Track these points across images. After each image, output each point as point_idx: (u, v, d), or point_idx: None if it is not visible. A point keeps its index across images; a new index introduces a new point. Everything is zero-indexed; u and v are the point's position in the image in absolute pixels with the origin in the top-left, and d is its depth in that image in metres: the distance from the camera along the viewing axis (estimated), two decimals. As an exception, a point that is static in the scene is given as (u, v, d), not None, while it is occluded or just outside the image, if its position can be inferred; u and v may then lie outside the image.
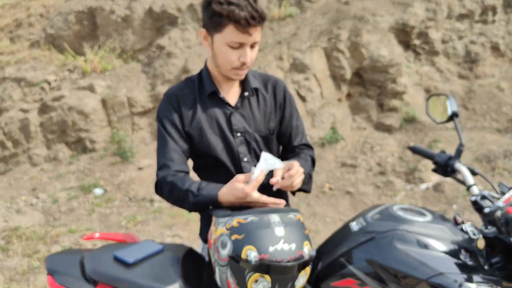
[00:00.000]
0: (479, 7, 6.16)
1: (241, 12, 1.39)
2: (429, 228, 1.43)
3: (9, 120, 6.09)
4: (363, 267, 1.42)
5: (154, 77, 6.36)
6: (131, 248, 1.54)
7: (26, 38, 7.49)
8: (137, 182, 5.32)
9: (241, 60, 1.49)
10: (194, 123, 1.61)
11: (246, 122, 1.64)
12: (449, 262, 1.34)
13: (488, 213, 1.38)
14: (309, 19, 6.16)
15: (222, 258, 1.26)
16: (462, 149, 1.66)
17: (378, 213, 1.54)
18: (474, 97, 5.84)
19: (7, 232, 4.49)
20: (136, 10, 6.74)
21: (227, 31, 1.44)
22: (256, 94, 1.68)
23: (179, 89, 1.66)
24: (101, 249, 1.60)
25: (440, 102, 1.77)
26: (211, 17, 1.45)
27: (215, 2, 1.42)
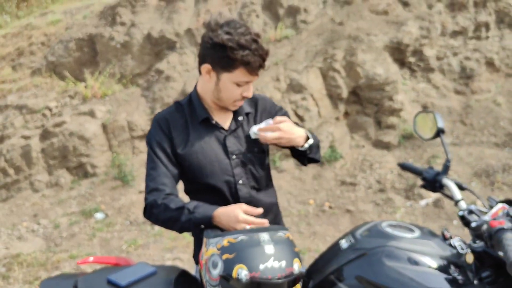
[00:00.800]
0: (472, 24, 6.26)
1: (254, 57, 1.48)
2: (417, 244, 1.43)
3: (10, 147, 6.15)
4: (353, 284, 1.42)
5: (154, 100, 6.44)
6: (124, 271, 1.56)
7: (28, 66, 7.62)
8: (137, 206, 5.33)
9: (244, 95, 1.59)
10: (187, 148, 1.63)
11: (240, 144, 1.68)
12: (439, 277, 1.35)
13: (474, 228, 1.39)
14: (305, 40, 6.26)
15: (213, 278, 1.28)
16: (449, 165, 1.68)
17: (366, 230, 1.55)
18: (471, 112, 5.87)
19: (8, 259, 4.50)
20: (135, 36, 6.87)
21: (237, 72, 1.52)
22: (248, 117, 1.73)
23: (169, 113, 1.69)
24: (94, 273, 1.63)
25: (428, 119, 1.79)
26: (221, 58, 1.51)
27: (229, 48, 1.47)
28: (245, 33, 1.49)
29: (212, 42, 1.51)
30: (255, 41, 1.50)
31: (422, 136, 1.82)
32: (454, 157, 5.37)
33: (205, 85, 1.64)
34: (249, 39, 1.49)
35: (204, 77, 1.60)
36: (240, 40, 1.47)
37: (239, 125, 1.69)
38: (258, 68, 1.52)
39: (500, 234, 1.26)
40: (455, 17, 6.28)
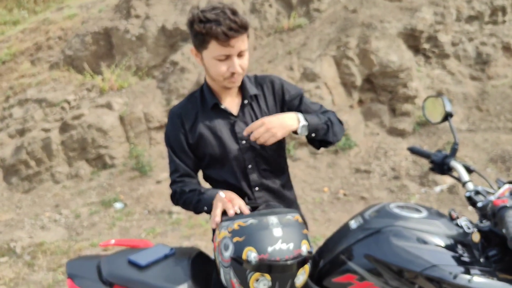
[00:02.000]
0: (488, 8, 6.16)
1: (219, 27, 1.45)
2: (424, 224, 1.47)
3: (32, 140, 6.32)
4: (361, 262, 1.47)
5: (169, 92, 6.53)
6: (144, 252, 1.65)
7: (46, 60, 7.77)
8: (155, 195, 5.44)
9: (231, 70, 1.55)
10: (198, 136, 1.68)
11: None
12: (444, 255, 1.38)
13: (480, 207, 1.43)
14: (318, 28, 6.25)
15: (225, 260, 1.34)
16: (457, 147, 1.71)
17: (375, 211, 1.59)
18: (488, 98, 5.81)
19: (32, 248, 4.65)
20: (149, 29, 6.95)
21: (211, 46, 1.51)
22: (256, 99, 1.74)
23: (181, 107, 1.74)
24: (116, 254, 1.71)
25: (437, 104, 1.83)
26: (195, 36, 1.53)
27: (196, 22, 1.50)
28: (214, 9, 1.50)
29: (188, 25, 1.55)
30: (222, 11, 1.48)
31: (430, 120, 1.85)
32: (470, 143, 5.34)
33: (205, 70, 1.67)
34: (218, 12, 1.48)
35: (197, 61, 1.64)
36: (206, 14, 1.48)
37: (246, 109, 1.71)
38: (227, 38, 1.47)
39: (503, 211, 1.30)
40: (471, 2, 6.19)
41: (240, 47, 1.52)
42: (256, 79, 1.78)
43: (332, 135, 1.71)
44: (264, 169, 1.74)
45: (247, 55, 1.60)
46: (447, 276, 1.32)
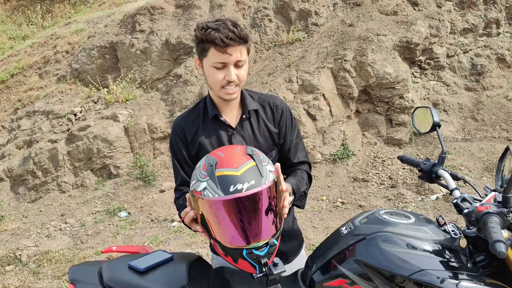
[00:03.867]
0: (482, 21, 6.31)
1: (217, 34, 1.52)
2: (413, 230, 1.51)
3: (39, 150, 6.48)
4: (352, 267, 1.49)
5: (173, 104, 6.69)
6: (143, 258, 1.70)
7: (54, 74, 7.97)
8: (159, 204, 5.56)
9: (227, 78, 1.59)
10: (198, 146, 1.75)
11: (246, 143, 1.74)
12: (432, 260, 1.41)
13: (466, 214, 1.46)
14: (316, 42, 6.41)
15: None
16: (445, 156, 1.77)
17: (365, 218, 1.63)
18: (483, 108, 5.93)
19: (38, 256, 4.75)
20: (153, 43, 7.14)
21: (209, 54, 1.58)
22: (256, 115, 1.78)
23: (184, 117, 1.81)
24: (117, 259, 1.77)
25: (425, 114, 1.89)
26: (197, 44, 1.62)
27: (198, 29, 1.59)
28: (218, 20, 1.57)
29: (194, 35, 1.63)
30: (221, 21, 1.55)
31: (419, 130, 1.92)
32: (466, 152, 5.45)
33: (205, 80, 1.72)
34: (219, 22, 1.55)
35: (200, 72, 1.73)
36: (208, 23, 1.56)
37: (245, 123, 1.76)
38: (225, 45, 1.52)
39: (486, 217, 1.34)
40: (465, 15, 6.35)
41: (238, 57, 1.57)
42: (259, 97, 1.84)
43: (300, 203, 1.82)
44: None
45: (246, 67, 1.65)
46: (435, 280, 1.36)
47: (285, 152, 1.85)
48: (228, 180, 1.33)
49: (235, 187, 1.32)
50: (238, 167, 1.36)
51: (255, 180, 1.34)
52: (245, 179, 1.33)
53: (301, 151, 1.88)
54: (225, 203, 1.33)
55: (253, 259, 1.37)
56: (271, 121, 1.80)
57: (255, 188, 1.33)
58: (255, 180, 1.34)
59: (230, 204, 1.33)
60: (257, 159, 1.41)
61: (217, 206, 1.34)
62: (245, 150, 1.44)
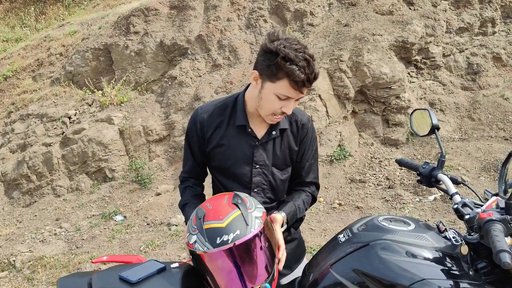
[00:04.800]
0: (477, 20, 6.30)
1: (301, 74, 1.47)
2: (412, 237, 1.46)
3: (33, 154, 6.42)
4: (350, 276, 1.46)
5: (168, 106, 6.65)
6: (135, 269, 1.64)
7: (47, 76, 7.91)
8: (155, 208, 5.52)
9: (283, 110, 1.58)
10: (216, 145, 1.74)
11: (267, 157, 1.74)
12: (433, 268, 1.37)
13: (468, 220, 1.42)
14: (312, 42, 6.39)
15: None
16: (444, 159, 1.74)
17: (363, 225, 1.59)
18: (479, 107, 5.92)
19: (32, 262, 4.70)
20: (148, 44, 7.10)
21: (280, 84, 1.52)
22: (283, 133, 1.76)
23: (209, 113, 1.76)
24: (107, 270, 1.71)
25: (422, 117, 1.86)
26: (268, 66, 1.52)
27: (281, 58, 1.48)
28: (298, 50, 1.49)
29: (265, 49, 1.53)
30: (306, 59, 1.49)
31: (418, 133, 1.88)
32: (463, 152, 5.43)
33: (252, 91, 1.67)
34: (301, 56, 1.48)
35: (252, 83, 1.64)
36: (290, 53, 1.47)
37: (271, 138, 1.73)
38: (301, 85, 1.50)
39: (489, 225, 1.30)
40: (460, 14, 6.34)
41: (303, 94, 1.57)
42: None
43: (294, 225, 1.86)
44: (269, 197, 1.81)
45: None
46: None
47: (299, 170, 1.85)
48: (215, 233, 1.40)
49: (221, 239, 1.38)
50: (223, 219, 1.42)
51: (240, 230, 1.40)
52: (230, 230, 1.40)
53: (314, 172, 1.89)
54: (213, 255, 1.41)
55: None
56: (295, 139, 1.79)
57: (240, 238, 1.39)
58: (240, 230, 1.40)
59: (218, 256, 1.40)
60: (242, 207, 1.46)
61: (207, 259, 1.43)
62: (231, 200, 1.50)
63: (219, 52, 6.82)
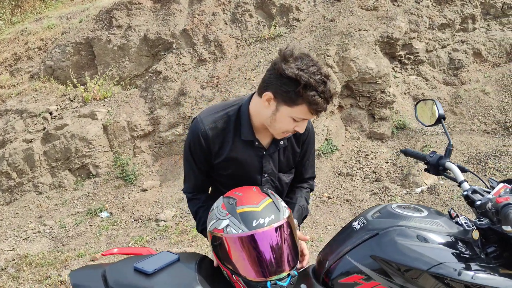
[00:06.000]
0: (458, 16, 6.45)
1: (322, 100, 1.47)
2: (426, 223, 1.50)
3: (13, 151, 6.25)
4: (368, 263, 1.48)
5: (152, 101, 6.57)
6: (149, 260, 1.62)
7: (26, 71, 7.70)
8: (141, 203, 5.45)
9: (297, 129, 1.58)
10: (224, 159, 1.72)
11: (273, 165, 1.78)
12: (447, 252, 1.41)
13: (479, 205, 1.45)
14: (298, 37, 6.41)
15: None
16: (451, 148, 1.77)
17: (377, 212, 1.62)
18: (461, 102, 6.06)
19: (16, 260, 4.58)
20: (131, 39, 6.99)
21: (298, 108, 1.50)
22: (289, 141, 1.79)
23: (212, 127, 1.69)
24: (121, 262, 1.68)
25: (427, 107, 1.89)
26: (287, 92, 1.48)
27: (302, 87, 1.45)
28: (316, 73, 1.46)
29: (281, 73, 1.47)
30: (324, 82, 1.47)
31: (423, 123, 1.90)
32: (445, 145, 5.56)
33: (260, 109, 1.62)
34: (319, 79, 1.46)
35: (263, 103, 1.57)
36: (310, 79, 1.44)
37: (278, 148, 1.76)
38: (321, 111, 1.51)
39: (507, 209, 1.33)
40: (442, 10, 6.47)
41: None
42: None
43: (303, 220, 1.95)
44: None
45: None
46: (452, 273, 1.36)
47: (300, 168, 1.90)
48: (250, 216, 1.44)
49: (258, 222, 1.42)
50: (258, 204, 1.47)
51: (275, 215, 1.46)
52: (266, 214, 1.44)
53: (312, 167, 1.96)
54: (249, 238, 1.42)
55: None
56: (297, 142, 1.81)
57: (275, 222, 1.44)
58: (274, 215, 1.45)
59: (254, 238, 1.42)
60: (272, 196, 1.54)
61: (242, 241, 1.43)
62: (260, 189, 1.57)
63: (205, 46, 6.77)
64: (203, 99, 6.18)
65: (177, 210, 5.17)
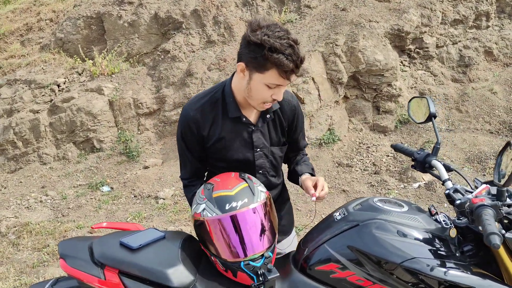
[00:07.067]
0: (473, 13, 6.36)
1: (288, 62, 1.48)
2: (405, 218, 1.54)
3: (19, 120, 6.34)
4: (344, 253, 1.53)
5: (159, 79, 6.60)
6: (135, 235, 1.67)
7: (36, 42, 7.74)
8: (142, 180, 5.53)
9: (274, 97, 1.61)
10: (216, 140, 1.76)
11: (264, 139, 1.81)
12: (423, 248, 1.45)
13: (458, 205, 1.50)
14: (308, 24, 6.37)
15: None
16: (439, 147, 1.80)
17: (359, 204, 1.66)
18: (468, 100, 6.02)
19: (17, 228, 4.70)
20: (142, 16, 6.98)
21: (269, 74, 1.53)
22: (276, 114, 1.83)
23: (199, 110, 1.75)
24: (108, 236, 1.74)
25: (421, 104, 1.91)
26: (255, 58, 1.52)
27: (267, 50, 1.48)
28: (283, 37, 1.49)
29: (248, 41, 1.52)
30: (291, 46, 1.50)
31: (415, 120, 1.94)
32: (448, 142, 5.55)
33: (238, 82, 1.68)
34: (285, 43, 1.49)
35: (238, 75, 1.63)
36: (275, 43, 1.47)
37: (266, 121, 1.79)
38: (290, 73, 1.52)
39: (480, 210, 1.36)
40: (457, 6, 6.38)
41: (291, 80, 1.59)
42: None
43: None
44: (272, 175, 1.90)
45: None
46: (425, 268, 1.40)
47: (294, 142, 1.96)
48: (224, 200, 1.51)
49: (230, 205, 1.49)
50: (232, 188, 1.55)
51: (248, 199, 1.52)
52: (239, 197, 1.51)
53: (304, 137, 2.03)
54: (222, 220, 1.50)
55: (250, 270, 1.52)
56: (285, 119, 1.85)
57: (248, 205, 1.51)
58: (248, 199, 1.52)
59: (226, 221, 1.49)
60: (249, 181, 1.60)
61: (215, 224, 1.51)
62: (238, 175, 1.64)
63: (214, 28, 6.75)
64: (209, 81, 6.19)
65: (177, 189, 5.24)
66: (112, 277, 1.55)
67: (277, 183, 1.94)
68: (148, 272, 1.52)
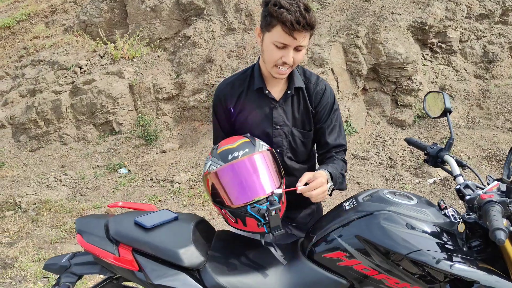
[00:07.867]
0: (499, 8, 6.21)
1: (289, 15, 1.51)
2: (414, 211, 1.55)
3: (42, 100, 6.47)
4: (352, 242, 1.54)
5: (179, 65, 6.65)
6: (149, 215, 1.72)
7: (60, 24, 7.86)
8: (159, 164, 5.62)
9: (283, 59, 1.62)
10: (238, 113, 1.83)
11: (286, 117, 1.81)
12: (430, 241, 1.46)
13: (468, 200, 1.51)
14: (330, 14, 6.32)
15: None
16: (452, 142, 1.80)
17: (368, 195, 1.67)
18: (489, 96, 5.92)
19: (37, 205, 4.85)
20: (164, 1, 7.02)
21: (274, 31, 1.57)
22: (298, 93, 1.82)
23: (229, 84, 1.86)
24: (123, 214, 1.79)
25: (437, 99, 1.91)
26: (265, 16, 1.60)
27: (271, 4, 1.55)
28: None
29: (263, 4, 1.61)
30: (297, 4, 1.53)
31: (429, 115, 1.93)
32: (467, 139, 5.48)
33: (261, 53, 1.73)
34: (293, 2, 1.53)
35: (257, 42, 1.71)
36: (282, 1, 1.53)
37: (288, 98, 1.81)
38: (292, 29, 1.52)
39: (488, 205, 1.37)
40: (483, 0, 6.24)
41: (300, 42, 1.58)
42: (305, 75, 1.85)
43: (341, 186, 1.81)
44: (289, 157, 1.88)
45: (304, 51, 1.66)
46: (431, 260, 1.42)
47: (321, 134, 1.86)
48: (227, 152, 1.62)
49: (232, 155, 1.60)
50: (234, 142, 1.66)
51: (249, 149, 1.62)
52: (240, 148, 1.62)
53: (338, 133, 1.86)
54: (226, 169, 1.60)
55: (257, 213, 1.55)
56: (311, 102, 1.83)
57: (249, 154, 1.60)
58: (249, 149, 1.62)
59: (230, 169, 1.59)
60: (251, 138, 1.70)
61: (220, 174, 1.61)
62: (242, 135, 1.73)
63: (235, 15, 6.75)
64: (228, 68, 6.22)
65: (192, 174, 5.31)
66: (126, 254, 1.60)
67: (295, 167, 1.90)
68: (161, 251, 1.57)
